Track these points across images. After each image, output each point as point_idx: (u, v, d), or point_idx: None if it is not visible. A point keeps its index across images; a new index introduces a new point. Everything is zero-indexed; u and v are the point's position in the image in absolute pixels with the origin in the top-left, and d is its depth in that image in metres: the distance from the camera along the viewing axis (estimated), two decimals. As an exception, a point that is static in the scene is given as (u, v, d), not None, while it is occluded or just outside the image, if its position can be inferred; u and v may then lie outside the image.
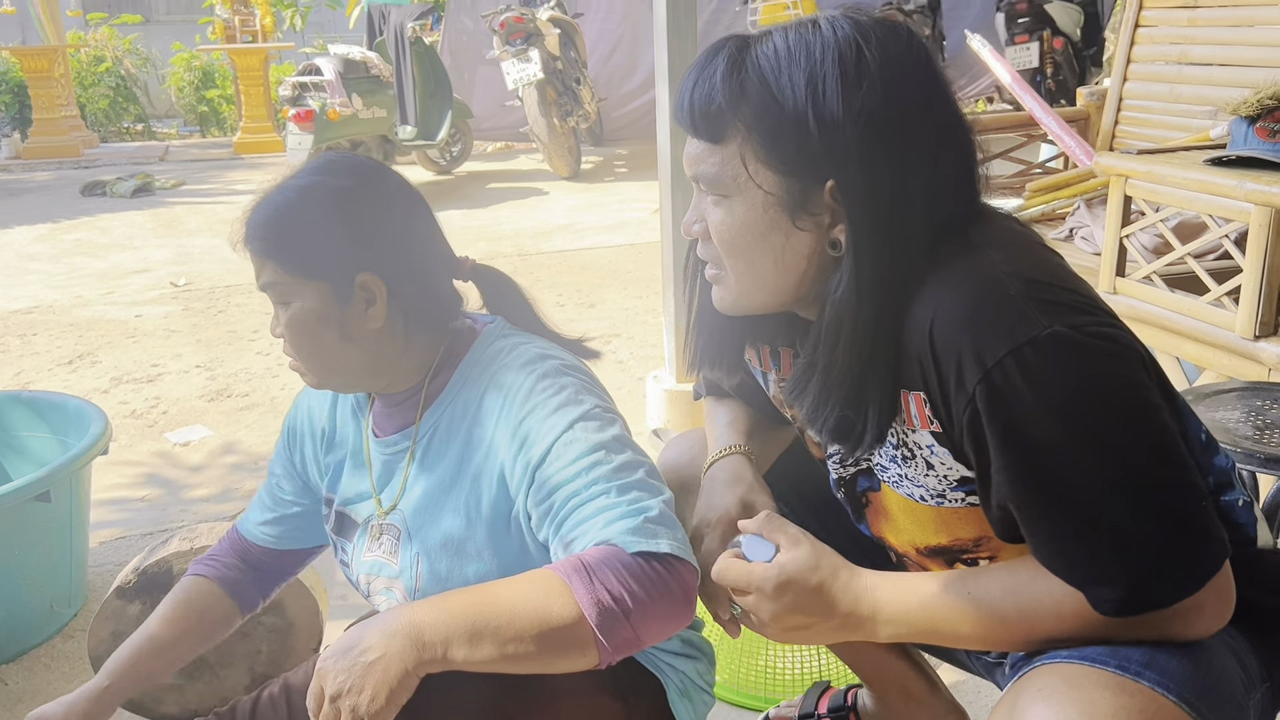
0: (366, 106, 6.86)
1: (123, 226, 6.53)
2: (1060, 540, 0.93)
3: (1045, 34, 7.36)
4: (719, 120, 1.00)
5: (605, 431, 1.12)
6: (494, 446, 1.16)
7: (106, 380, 3.82)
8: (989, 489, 0.96)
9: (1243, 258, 2.12)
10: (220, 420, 3.43)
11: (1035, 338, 0.89)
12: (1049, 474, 0.91)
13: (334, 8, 11.82)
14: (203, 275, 5.27)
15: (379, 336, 1.19)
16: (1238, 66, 2.93)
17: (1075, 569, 0.93)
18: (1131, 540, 0.90)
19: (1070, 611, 0.94)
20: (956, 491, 1.03)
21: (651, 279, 4.87)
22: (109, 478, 2.97)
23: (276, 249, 1.17)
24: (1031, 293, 0.92)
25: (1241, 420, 1.66)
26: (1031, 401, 0.89)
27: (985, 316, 0.92)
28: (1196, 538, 0.91)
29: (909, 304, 0.97)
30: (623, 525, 1.03)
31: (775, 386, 1.24)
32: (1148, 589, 0.91)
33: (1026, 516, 0.94)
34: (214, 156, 9.55)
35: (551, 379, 1.15)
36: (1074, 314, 0.92)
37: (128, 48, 11.49)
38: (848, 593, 1.02)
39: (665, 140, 2.87)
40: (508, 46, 7.18)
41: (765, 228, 1.01)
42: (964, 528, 1.06)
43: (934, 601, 0.99)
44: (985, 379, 0.90)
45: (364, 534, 1.29)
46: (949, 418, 0.96)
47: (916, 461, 1.03)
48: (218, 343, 4.22)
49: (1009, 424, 0.91)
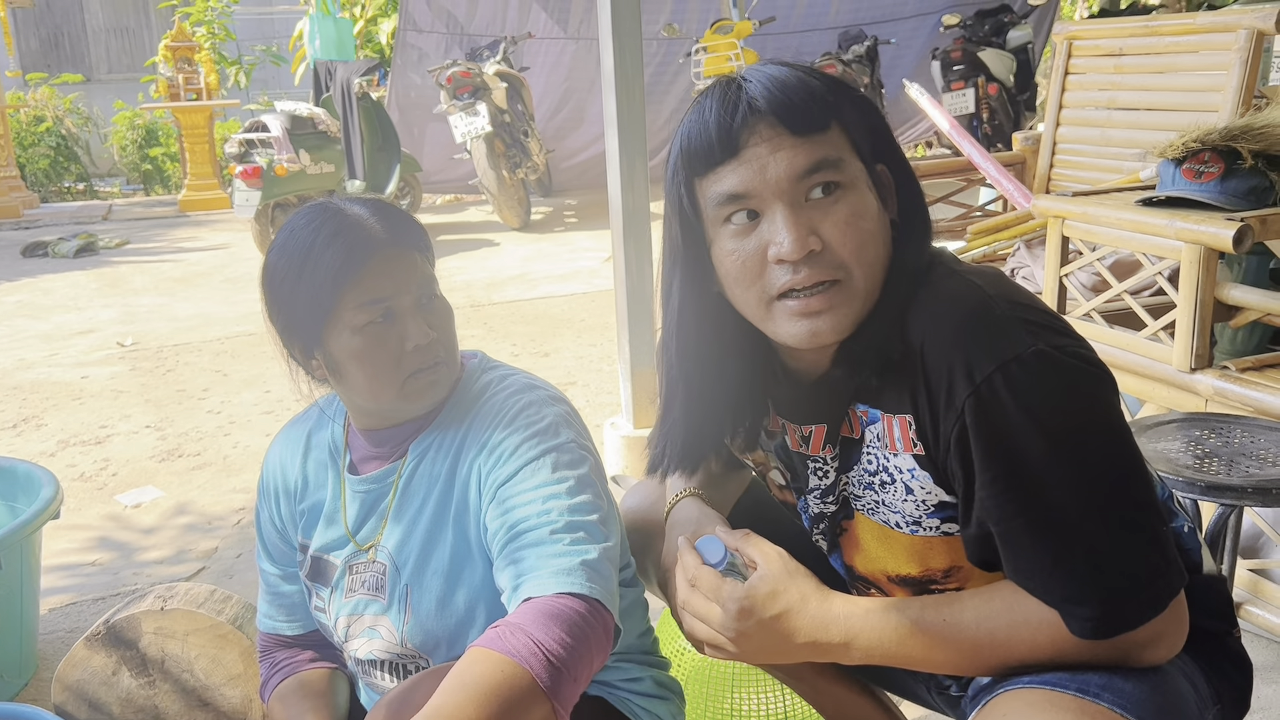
0: (314, 162, 6.86)
1: (66, 287, 6.43)
2: (1039, 557, 0.95)
3: (980, 80, 7.59)
4: (824, 107, 1.00)
5: (573, 469, 1.16)
6: (474, 471, 1.19)
7: (53, 443, 3.75)
8: (970, 509, 0.98)
9: (1176, 294, 2.20)
10: (172, 481, 3.38)
11: (1021, 355, 0.93)
12: (1031, 489, 0.94)
13: (279, 64, 11.83)
14: (150, 334, 5.21)
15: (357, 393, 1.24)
16: (1163, 111, 3.06)
17: (1052, 587, 0.95)
18: (1107, 558, 0.93)
19: (1044, 638, 0.97)
20: (932, 518, 1.05)
21: (605, 327, 4.90)
22: (58, 543, 2.90)
23: None
24: (1016, 313, 0.96)
25: (1182, 450, 1.72)
26: (1017, 416, 0.93)
27: (975, 335, 0.96)
28: (1163, 560, 0.95)
29: (906, 318, 1.00)
30: (558, 567, 1.08)
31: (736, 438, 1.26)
32: (1119, 610, 0.94)
33: (1006, 532, 0.96)
34: (158, 215, 9.45)
35: (536, 408, 1.19)
36: (1056, 335, 0.96)
37: (68, 107, 11.38)
38: (814, 621, 1.04)
39: (616, 188, 2.91)
40: (455, 101, 7.24)
41: (878, 210, 1.03)
42: (936, 557, 1.08)
43: (908, 630, 1.02)
44: (974, 394, 0.94)
45: (343, 575, 1.30)
46: (936, 437, 0.99)
47: (896, 486, 1.06)
48: (167, 402, 4.17)
49: (995, 438, 0.94)
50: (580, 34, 8.71)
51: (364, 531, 1.27)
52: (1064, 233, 2.48)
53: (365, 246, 1.16)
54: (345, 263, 1.15)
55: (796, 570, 1.07)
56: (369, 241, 1.17)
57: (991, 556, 1.00)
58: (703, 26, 7.96)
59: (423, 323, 1.20)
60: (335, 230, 1.17)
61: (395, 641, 1.24)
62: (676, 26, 8.06)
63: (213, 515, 3.10)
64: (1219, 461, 1.67)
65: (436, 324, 1.21)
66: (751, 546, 1.09)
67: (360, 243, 1.16)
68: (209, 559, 2.81)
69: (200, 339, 5.10)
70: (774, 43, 8.51)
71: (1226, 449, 1.72)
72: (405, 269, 1.19)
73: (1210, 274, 2.13)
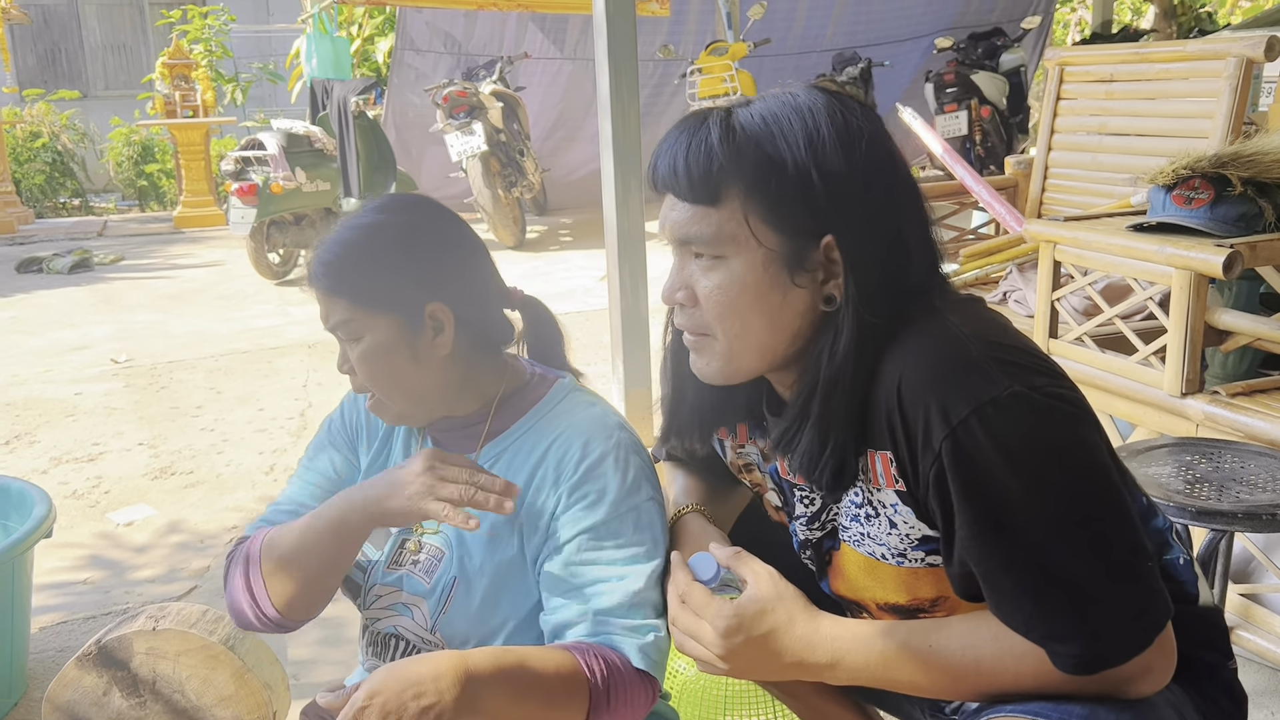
0: (310, 180, 6.87)
1: (60, 303, 6.43)
2: (1020, 597, 0.96)
3: (973, 103, 7.65)
4: (719, 181, 1.02)
5: (648, 529, 1.21)
6: (553, 491, 1.21)
7: (46, 460, 3.74)
8: (952, 546, 0.99)
9: (1166, 319, 2.21)
10: (164, 499, 3.37)
11: (997, 397, 0.93)
12: (1010, 530, 0.94)
13: (275, 82, 11.86)
14: (144, 351, 5.21)
15: (446, 363, 1.24)
16: (1153, 137, 3.08)
17: (1034, 626, 0.96)
18: (1088, 597, 0.93)
19: (1029, 670, 0.97)
20: (917, 551, 1.06)
21: (599, 345, 4.90)
22: (50, 561, 2.90)
23: (347, 286, 1.21)
24: (992, 354, 0.96)
25: (1173, 475, 1.73)
26: (994, 458, 0.93)
27: (950, 377, 0.96)
28: (1147, 595, 0.95)
29: (881, 360, 1.01)
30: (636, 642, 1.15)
31: (733, 453, 1.27)
32: (1103, 647, 0.94)
33: (987, 572, 0.97)
34: (154, 231, 9.46)
35: (625, 453, 1.22)
36: (1033, 375, 0.96)
37: (64, 123, 11.40)
38: (800, 641, 1.05)
39: (611, 209, 2.93)
40: (451, 120, 7.28)
41: (765, 287, 1.02)
42: (923, 587, 1.09)
43: (894, 655, 1.02)
44: (950, 436, 0.94)
45: (394, 545, 1.31)
46: (915, 476, 0.99)
47: (880, 520, 1.06)
48: (161, 419, 4.16)
49: (972, 480, 0.94)
50: (577, 54, 8.77)
51: None
52: (1056, 257, 2.50)
53: (308, 275, 1.25)
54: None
55: (786, 591, 1.07)
56: (310, 273, 1.24)
57: (976, 591, 1.01)
58: (698, 48, 8.02)
59: (340, 354, 1.25)
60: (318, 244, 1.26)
61: (425, 626, 1.26)
62: (672, 48, 8.12)
63: (205, 534, 3.09)
64: (1209, 487, 1.68)
65: (355, 364, 1.23)
66: (743, 565, 1.10)
67: (309, 270, 1.25)
68: (201, 578, 2.81)
69: (194, 356, 5.10)
70: (769, 64, 8.57)
71: (1217, 474, 1.73)
72: (323, 306, 1.23)
73: (1201, 299, 2.15)
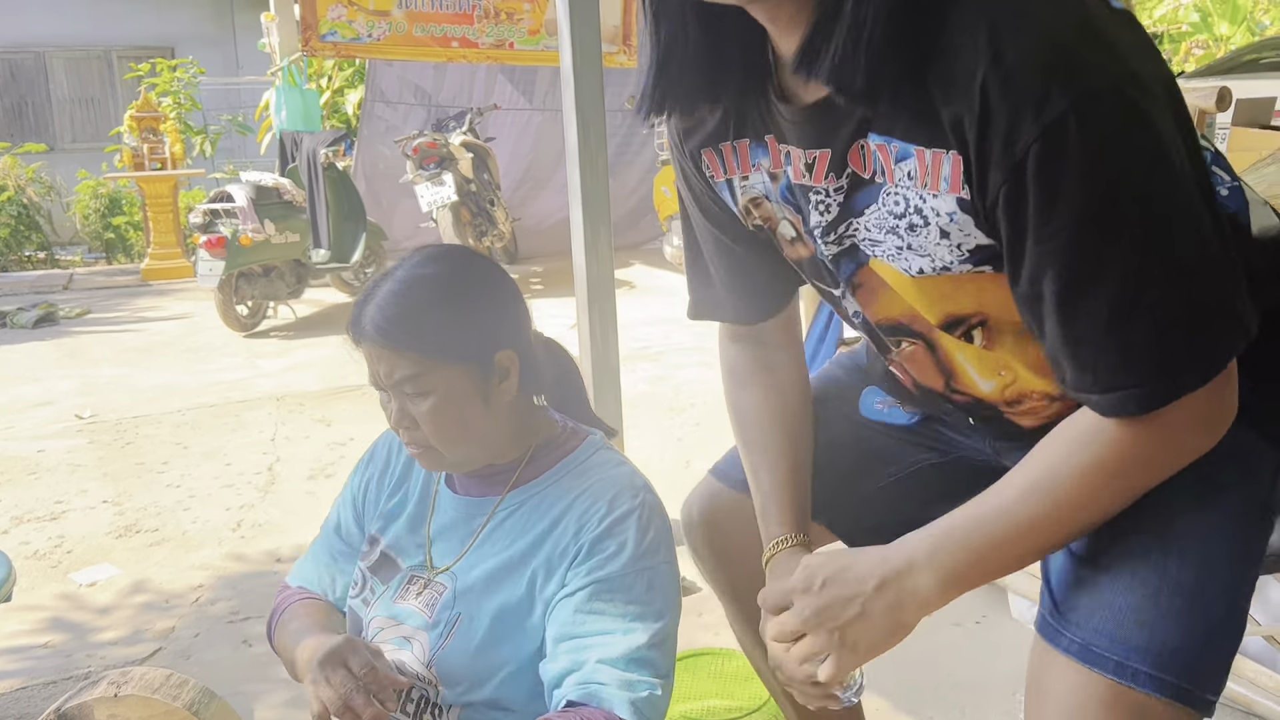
0: (279, 231, 6.85)
1: (23, 358, 6.34)
2: (1094, 319, 0.88)
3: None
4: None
5: (660, 591, 1.22)
6: (574, 542, 1.23)
7: (6, 520, 3.66)
8: (1020, 263, 0.90)
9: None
10: (128, 558, 3.30)
11: (1134, 75, 0.82)
12: (1094, 242, 0.85)
13: (245, 134, 11.87)
14: (109, 406, 5.14)
15: (509, 409, 1.27)
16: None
17: (1104, 356, 0.89)
18: (1168, 319, 0.86)
19: (1090, 461, 0.93)
20: (965, 264, 0.97)
21: (571, 395, 4.89)
22: (9, 624, 2.82)
23: (418, 339, 1.21)
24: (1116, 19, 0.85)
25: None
26: (1113, 149, 0.83)
27: (1074, 44, 0.83)
28: (1227, 319, 0.88)
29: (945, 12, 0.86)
30: (628, 695, 1.14)
31: (740, 193, 1.17)
32: (1176, 377, 0.88)
33: (1063, 288, 0.88)
34: (121, 284, 9.38)
35: (648, 515, 1.24)
36: (1159, 61, 0.85)
37: (30, 176, 11.33)
38: (875, 556, 1.04)
39: (580, 258, 2.94)
40: (421, 171, 7.30)
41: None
42: (964, 298, 1.02)
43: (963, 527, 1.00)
44: (1069, 113, 0.82)
45: (401, 581, 1.32)
46: (984, 178, 0.88)
47: (929, 229, 0.96)
48: (125, 476, 4.09)
49: (1062, 182, 0.84)
50: (545, 105, 8.85)
51: (440, 547, 1.32)
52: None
53: (357, 332, 1.24)
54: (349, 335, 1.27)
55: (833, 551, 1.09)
56: (359, 330, 1.24)
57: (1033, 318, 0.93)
58: (666, 98, 8.10)
59: (398, 410, 1.24)
60: (359, 300, 1.27)
61: (423, 661, 1.25)
62: (640, 98, 8.21)
63: (170, 593, 3.03)
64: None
65: (422, 417, 1.23)
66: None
67: (354, 325, 1.24)
68: (165, 639, 2.75)
69: (160, 410, 5.04)
70: (736, 114, 8.66)
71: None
72: (385, 362, 1.22)
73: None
